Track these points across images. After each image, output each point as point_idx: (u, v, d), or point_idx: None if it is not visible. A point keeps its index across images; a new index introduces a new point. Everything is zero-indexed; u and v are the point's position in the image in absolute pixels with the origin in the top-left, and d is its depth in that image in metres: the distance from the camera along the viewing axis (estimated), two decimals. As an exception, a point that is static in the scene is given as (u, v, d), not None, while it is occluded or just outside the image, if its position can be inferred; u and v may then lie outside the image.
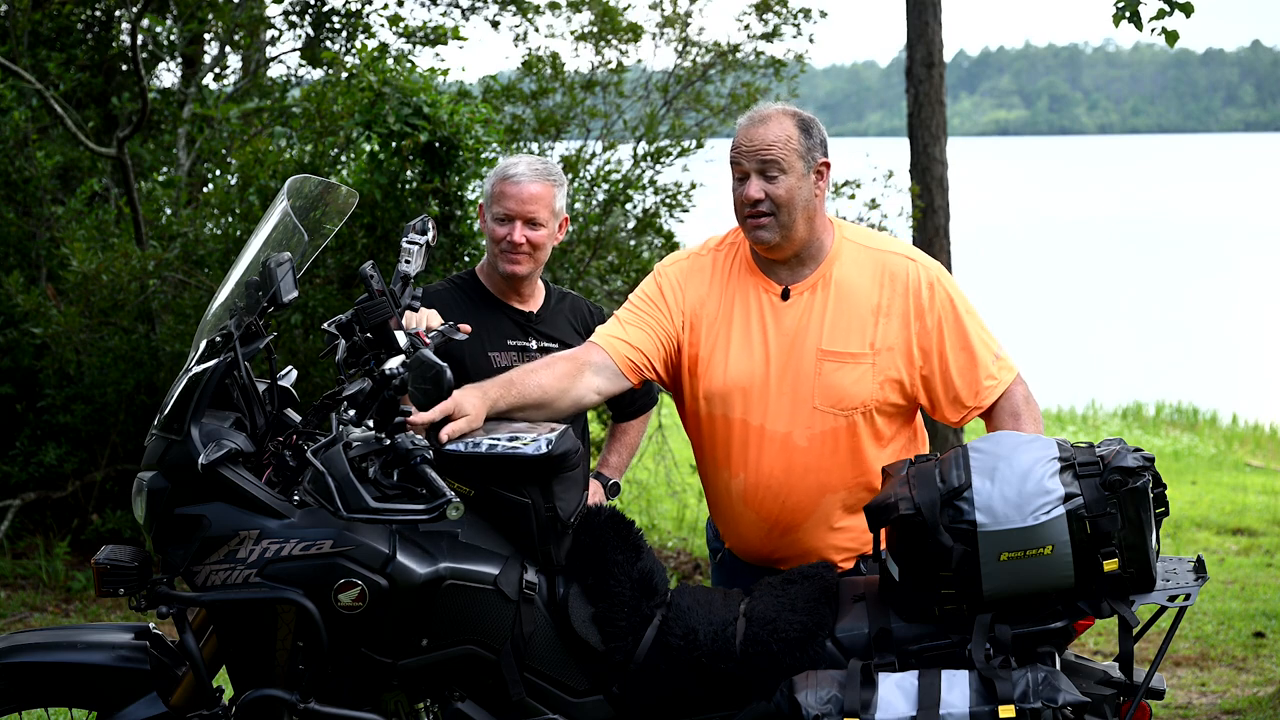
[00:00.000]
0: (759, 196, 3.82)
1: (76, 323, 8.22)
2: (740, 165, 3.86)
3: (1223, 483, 12.15)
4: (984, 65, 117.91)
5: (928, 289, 3.87)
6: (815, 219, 3.89)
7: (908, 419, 4.00)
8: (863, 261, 3.91)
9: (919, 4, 9.89)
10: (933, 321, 3.86)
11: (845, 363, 3.85)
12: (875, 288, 3.88)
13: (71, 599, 7.90)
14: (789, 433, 3.87)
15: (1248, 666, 6.97)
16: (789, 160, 3.82)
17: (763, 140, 3.83)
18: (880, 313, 3.86)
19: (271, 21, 10.17)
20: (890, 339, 3.86)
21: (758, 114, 3.89)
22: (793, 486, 3.90)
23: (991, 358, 3.88)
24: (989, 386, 3.88)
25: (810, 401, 3.86)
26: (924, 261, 3.93)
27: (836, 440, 3.88)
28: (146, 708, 3.65)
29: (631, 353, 3.90)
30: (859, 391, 3.85)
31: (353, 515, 3.42)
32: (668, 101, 9.21)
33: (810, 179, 3.86)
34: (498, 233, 4.41)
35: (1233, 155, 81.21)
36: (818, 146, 3.88)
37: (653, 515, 10.01)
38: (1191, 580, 3.57)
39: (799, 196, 3.84)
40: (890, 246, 3.97)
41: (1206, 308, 25.33)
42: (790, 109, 3.91)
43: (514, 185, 4.40)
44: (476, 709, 3.62)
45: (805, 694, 3.41)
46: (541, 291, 4.56)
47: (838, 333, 3.86)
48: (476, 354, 4.34)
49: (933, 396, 3.90)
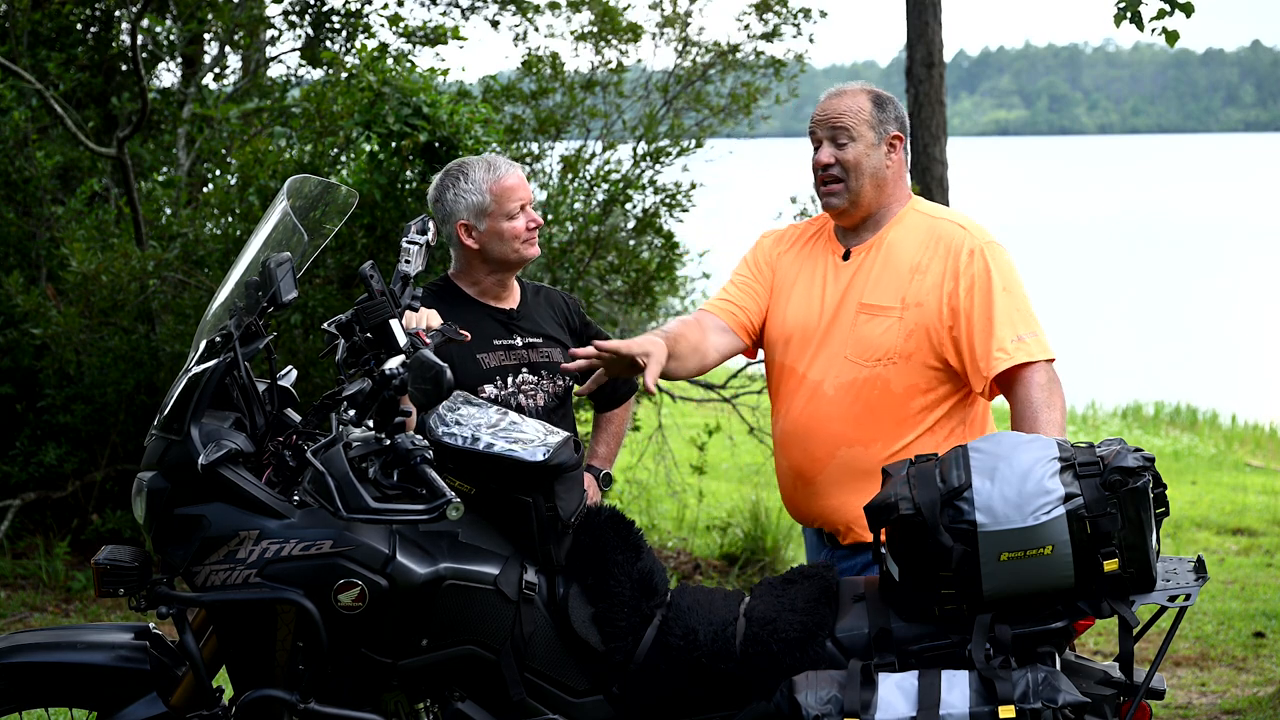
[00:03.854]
0: (829, 161, 4.07)
1: (76, 323, 8.21)
2: (815, 134, 4.12)
3: (1223, 483, 12.15)
4: (984, 65, 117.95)
5: (968, 255, 4.00)
6: (885, 187, 4.11)
7: (947, 393, 4.02)
8: (918, 227, 4.10)
9: (919, 4, 9.89)
10: (965, 285, 3.97)
11: (876, 315, 4.01)
12: (919, 248, 4.05)
13: (71, 599, 7.89)
14: (820, 380, 4.04)
15: (1248, 666, 6.97)
16: (858, 129, 4.07)
17: (835, 110, 4.10)
18: (916, 270, 4.02)
19: (271, 21, 10.16)
20: (921, 295, 3.99)
21: (836, 89, 4.16)
22: (813, 433, 4.03)
23: (1012, 336, 3.93)
24: (997, 359, 3.91)
25: (843, 351, 4.03)
26: (975, 231, 4.06)
27: (858, 392, 4.00)
28: (146, 708, 3.65)
29: (739, 312, 4.20)
30: (884, 342, 3.99)
31: (353, 515, 3.42)
32: (668, 101, 9.21)
33: (881, 149, 4.09)
34: (515, 228, 4.42)
35: (1233, 155, 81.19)
36: (891, 120, 4.12)
37: (653, 515, 10.01)
38: (1191, 580, 3.57)
39: (867, 163, 4.07)
40: (950, 216, 4.14)
41: (1206, 308, 25.32)
42: (869, 86, 4.17)
43: (511, 178, 4.44)
44: (476, 709, 3.62)
45: (805, 694, 3.41)
46: (516, 289, 4.57)
47: (878, 288, 4.04)
48: (464, 358, 4.33)
49: (961, 359, 3.98)
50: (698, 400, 10.16)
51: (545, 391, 4.45)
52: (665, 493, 10.12)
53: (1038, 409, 3.86)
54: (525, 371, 4.43)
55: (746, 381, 9.64)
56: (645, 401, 9.14)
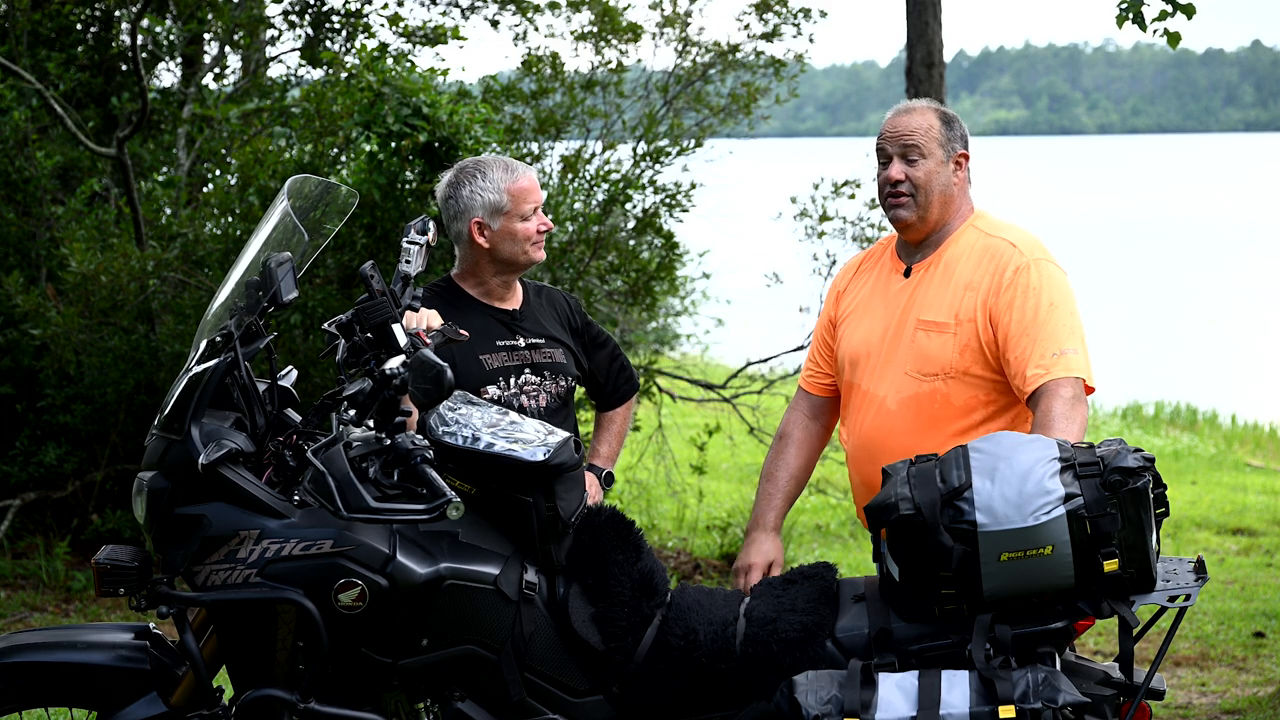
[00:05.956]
0: (900, 177, 4.10)
1: (76, 323, 8.21)
2: (884, 150, 4.15)
3: (1223, 483, 12.16)
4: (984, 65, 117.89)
5: (1013, 270, 4.03)
6: (951, 204, 4.15)
7: (1008, 404, 4.03)
8: (975, 245, 4.13)
9: (919, 4, 9.88)
10: (1006, 300, 4.00)
11: (933, 331, 4.05)
12: (974, 266, 4.08)
13: (71, 599, 7.89)
14: (884, 396, 4.08)
15: (1248, 666, 6.97)
16: (929, 146, 4.11)
17: (906, 127, 4.13)
18: (969, 287, 4.06)
19: (271, 21, 10.16)
20: (971, 310, 4.03)
21: (904, 105, 4.21)
22: (881, 447, 4.05)
23: (1054, 351, 3.93)
24: (1036, 374, 3.92)
25: (903, 367, 4.07)
26: (1026, 249, 4.08)
27: (919, 405, 4.03)
28: (146, 708, 3.65)
29: (820, 378, 4.36)
30: (940, 357, 4.02)
31: (353, 515, 3.42)
32: (668, 101, 9.21)
33: (949, 167, 4.14)
34: (529, 229, 4.43)
35: (1233, 155, 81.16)
36: (958, 139, 4.17)
37: (653, 515, 10.01)
38: (1191, 580, 3.57)
39: (936, 181, 4.11)
40: (1005, 234, 4.15)
41: (1206, 308, 25.31)
42: (935, 104, 4.23)
43: (526, 180, 4.44)
44: (476, 709, 3.62)
45: (805, 694, 3.41)
46: (519, 289, 4.57)
47: (934, 305, 4.08)
48: (467, 357, 4.33)
49: (1006, 372, 4.01)
50: (698, 400, 10.16)
51: (547, 392, 4.45)
52: (665, 493, 10.12)
53: (1055, 419, 3.83)
54: (528, 372, 4.43)
55: (746, 381, 9.65)
56: (645, 401, 9.14)
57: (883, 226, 9.06)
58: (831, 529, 10.16)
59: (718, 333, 12.83)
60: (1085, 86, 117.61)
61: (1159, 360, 20.36)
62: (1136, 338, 22.66)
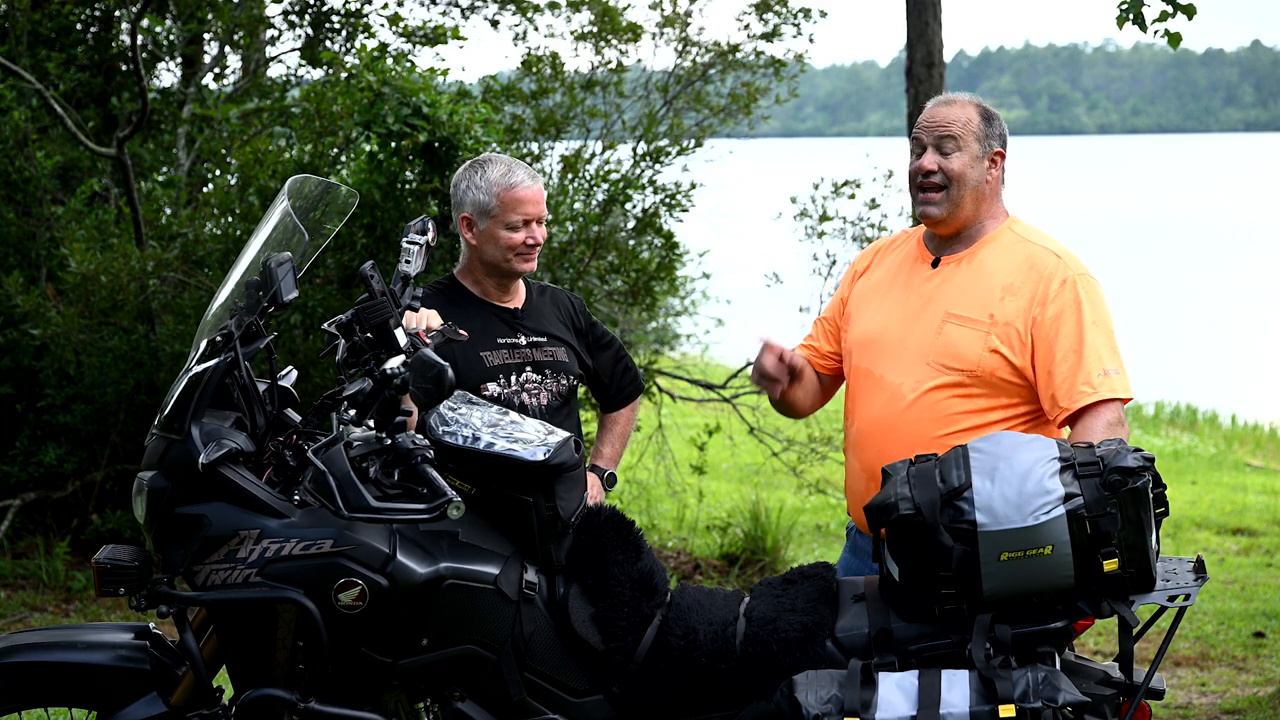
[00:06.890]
0: (932, 167, 4.05)
1: (76, 323, 8.21)
2: (920, 140, 4.10)
3: (1223, 483, 12.16)
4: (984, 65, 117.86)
5: (1059, 284, 3.99)
6: (983, 203, 4.09)
7: (1027, 412, 4.01)
8: (1014, 249, 4.08)
9: (919, 4, 9.88)
10: (1052, 313, 3.96)
11: (963, 325, 4.01)
12: (1013, 270, 4.03)
13: (71, 599, 7.89)
14: (900, 384, 4.04)
15: (1248, 666, 6.97)
16: (965, 140, 4.06)
17: (944, 118, 4.07)
18: (1009, 291, 4.01)
19: (271, 21, 10.16)
20: (1009, 315, 3.98)
21: (946, 97, 4.15)
22: (892, 433, 4.02)
23: (1100, 371, 3.91)
24: (1083, 393, 3.90)
25: (925, 357, 4.02)
26: (1070, 262, 4.04)
27: (937, 398, 3.99)
28: (146, 708, 3.65)
29: (815, 355, 4.37)
30: (967, 352, 3.97)
31: (354, 514, 3.42)
32: (668, 101, 9.21)
33: (984, 164, 4.08)
34: (513, 239, 4.41)
35: (1233, 155, 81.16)
36: (995, 136, 4.11)
37: (653, 515, 10.01)
38: (1191, 580, 3.57)
39: (970, 175, 4.05)
40: (1046, 243, 4.10)
41: (1206, 307, 25.31)
42: (977, 99, 4.15)
43: (524, 190, 4.41)
44: (476, 709, 3.62)
45: (805, 694, 3.41)
46: (522, 288, 4.57)
47: (966, 299, 4.03)
48: (468, 354, 4.34)
49: (1039, 385, 3.97)
50: (698, 400, 10.16)
51: (549, 390, 4.45)
52: (665, 493, 10.12)
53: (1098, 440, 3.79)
54: (529, 370, 4.43)
55: (746, 381, 9.64)
56: (645, 402, 9.14)
57: (883, 227, 9.06)
58: (831, 529, 10.16)
59: (718, 333, 12.82)
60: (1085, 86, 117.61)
61: (1159, 360, 20.34)
62: (1136, 338, 22.61)
